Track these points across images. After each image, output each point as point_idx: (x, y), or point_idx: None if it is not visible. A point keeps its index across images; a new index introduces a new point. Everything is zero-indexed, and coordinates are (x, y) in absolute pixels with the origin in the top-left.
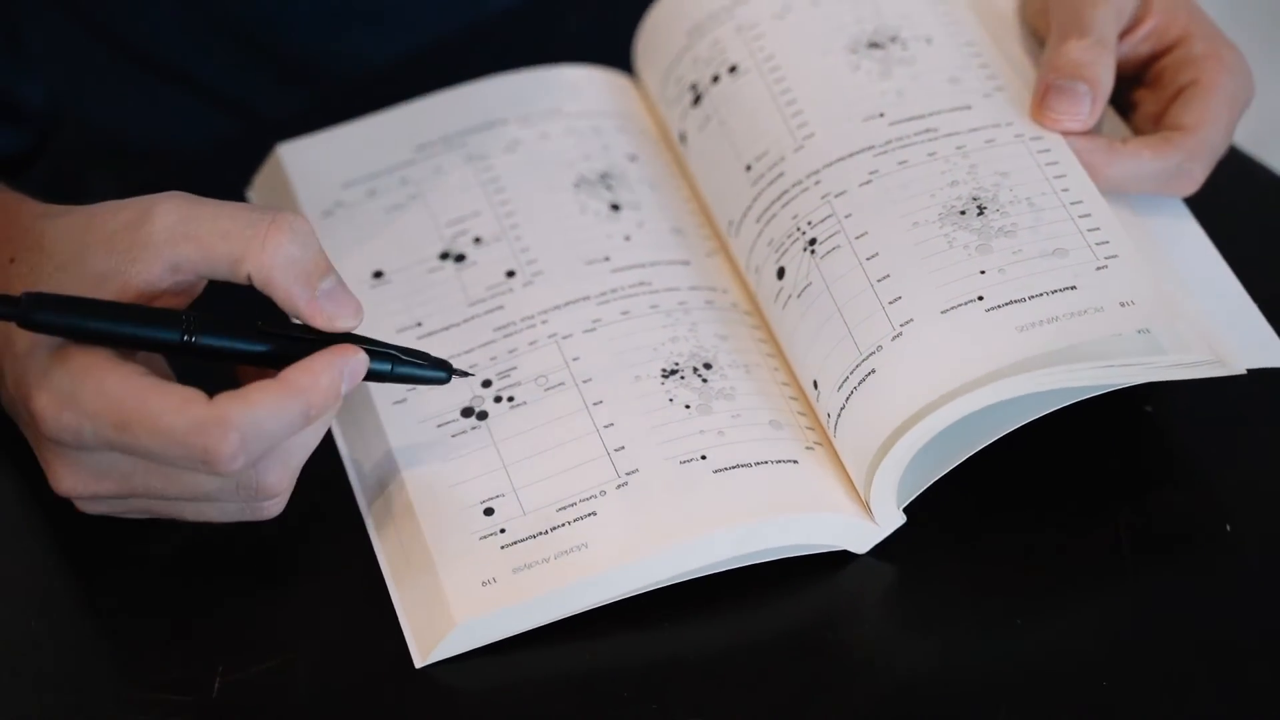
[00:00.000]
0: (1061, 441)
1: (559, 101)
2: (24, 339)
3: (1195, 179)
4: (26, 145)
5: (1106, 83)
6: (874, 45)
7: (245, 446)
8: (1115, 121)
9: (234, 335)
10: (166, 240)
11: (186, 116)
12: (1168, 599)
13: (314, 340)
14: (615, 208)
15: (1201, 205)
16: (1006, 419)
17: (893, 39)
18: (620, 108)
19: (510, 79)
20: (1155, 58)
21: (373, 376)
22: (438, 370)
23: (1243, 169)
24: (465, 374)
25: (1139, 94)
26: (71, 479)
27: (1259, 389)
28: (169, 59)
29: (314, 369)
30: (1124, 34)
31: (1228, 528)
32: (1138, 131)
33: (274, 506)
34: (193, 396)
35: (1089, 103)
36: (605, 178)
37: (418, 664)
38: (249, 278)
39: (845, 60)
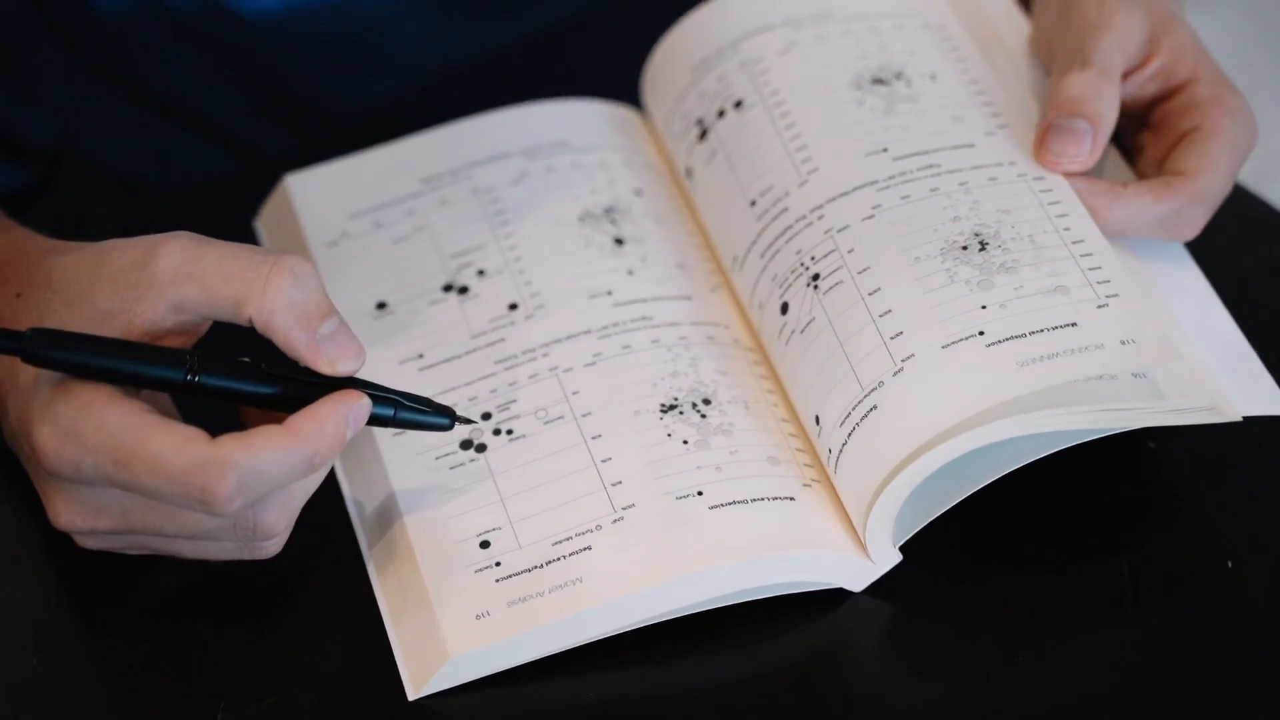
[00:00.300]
0: (1063, 476)
1: (566, 135)
2: (28, 374)
3: (1196, 225)
4: (32, 181)
5: (1109, 116)
6: (878, 81)
7: (243, 489)
8: (1120, 164)
9: (238, 376)
10: (170, 280)
11: (189, 153)
12: (1169, 636)
13: (318, 384)
14: (619, 242)
15: (1201, 239)
16: (1005, 460)
17: (898, 75)
18: (626, 142)
19: (517, 112)
20: (1160, 99)
21: (375, 421)
22: (440, 417)
23: (1242, 203)
24: (469, 421)
25: (1144, 137)
26: (70, 513)
27: (1261, 427)
28: (171, 97)
29: (319, 416)
30: (1130, 73)
31: (1230, 565)
32: (1142, 175)
33: (272, 546)
34: (194, 436)
35: (1089, 141)
36: (610, 212)
37: (411, 696)
38: (250, 321)
39: (850, 96)
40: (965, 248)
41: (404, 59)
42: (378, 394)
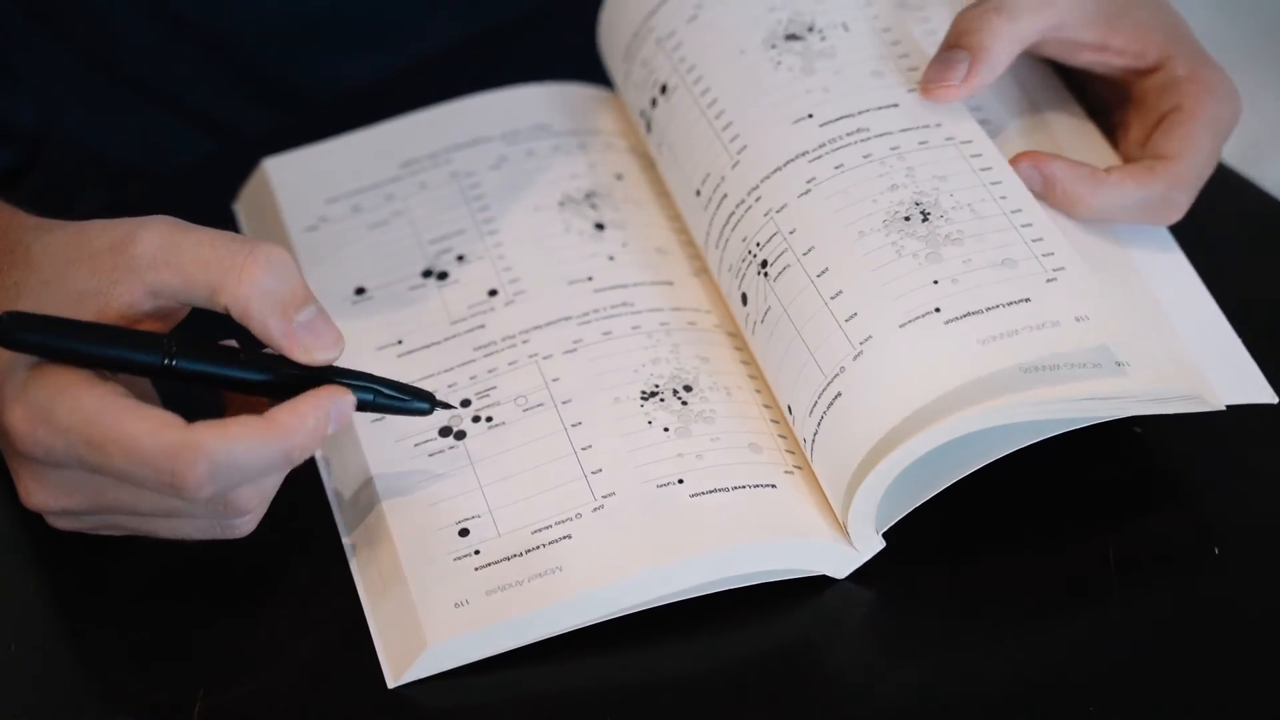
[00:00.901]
0: (1048, 462)
1: (546, 119)
2: (2, 356)
3: (1179, 208)
4: (17, 163)
5: (993, 50)
6: (792, 37)
7: (215, 476)
8: (1102, 144)
9: (216, 361)
10: (148, 265)
11: (170, 135)
12: (1154, 621)
13: (297, 372)
14: (599, 227)
15: (1187, 223)
16: (989, 447)
17: (809, 28)
18: (607, 126)
19: (497, 96)
20: (1136, 76)
21: (356, 407)
22: (420, 401)
23: (1229, 185)
24: (448, 406)
25: (1128, 115)
26: (41, 494)
27: (1248, 411)
28: (151, 79)
29: (300, 410)
30: (1089, 49)
31: (1216, 550)
32: (1126, 156)
33: (245, 525)
34: (169, 421)
35: (963, 69)
36: (590, 196)
37: (390, 684)
38: (226, 308)
39: (765, 57)
40: (908, 218)
41: (383, 40)
42: (357, 382)
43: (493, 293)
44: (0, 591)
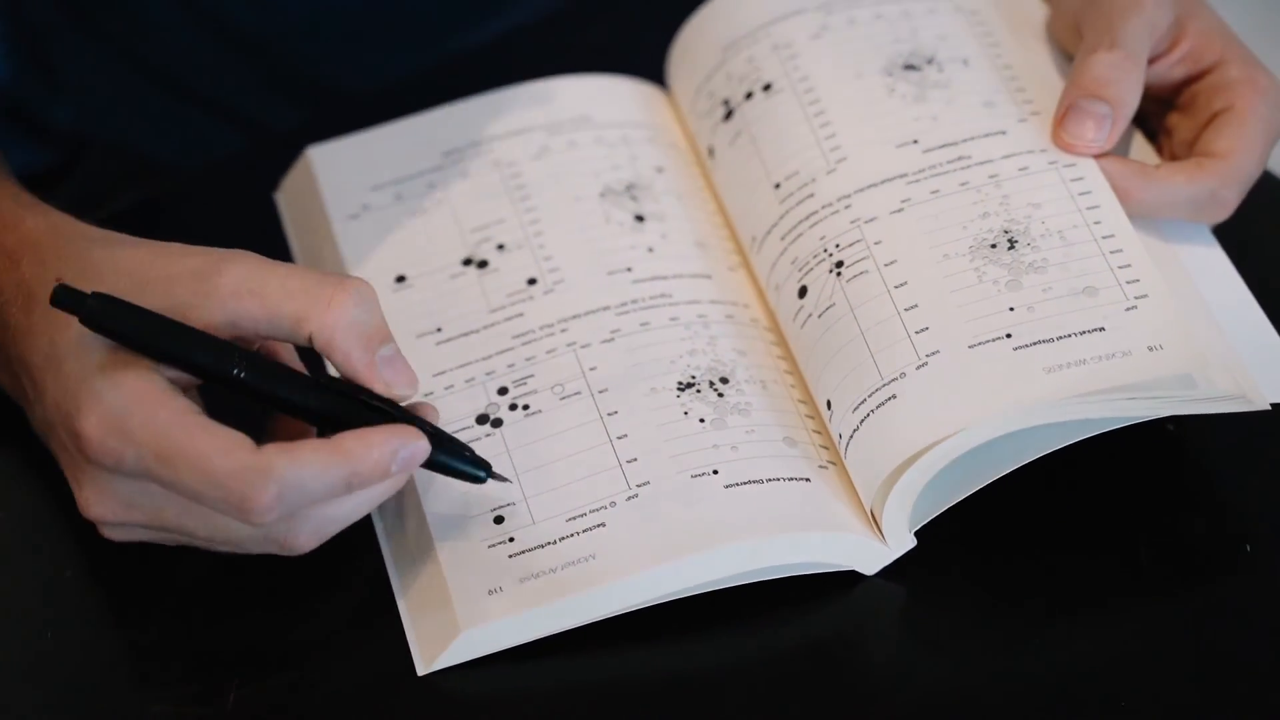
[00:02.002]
0: (1080, 460)
1: (588, 110)
2: (72, 359)
3: (1228, 206)
4: (53, 163)
5: (1130, 101)
6: (910, 67)
7: (282, 499)
8: (1145, 148)
9: (285, 382)
10: (231, 294)
11: (205, 132)
12: (1186, 619)
13: (364, 406)
14: (640, 219)
15: (1226, 226)
16: (1028, 447)
17: (929, 61)
18: (649, 119)
19: (540, 86)
20: (1189, 82)
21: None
22: (477, 469)
23: (1269, 190)
24: (503, 479)
25: (1172, 119)
26: (101, 505)
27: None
28: (188, 78)
29: (369, 439)
30: (1158, 58)
31: (1248, 548)
32: (1171, 158)
33: (304, 545)
34: (241, 442)
35: (1108, 125)
36: (631, 188)
37: (420, 671)
38: (310, 338)
39: (880, 83)
40: (994, 246)
41: (423, 38)
42: (421, 427)
43: (532, 281)
44: (39, 581)
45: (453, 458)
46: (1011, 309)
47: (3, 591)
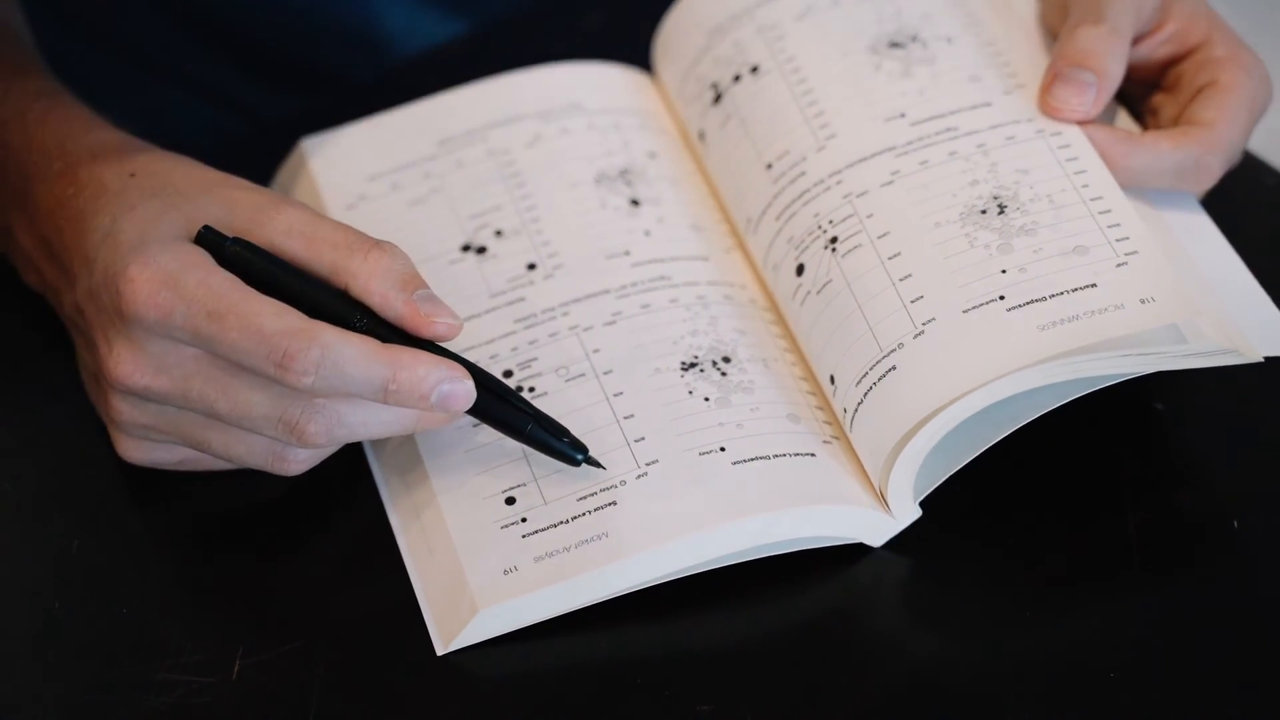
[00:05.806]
0: (1073, 438)
1: (580, 98)
2: (134, 231)
3: (1213, 173)
4: None
5: (1114, 74)
6: (895, 45)
7: (321, 367)
8: (1131, 126)
9: (401, 336)
10: (284, 231)
11: (199, 125)
12: (1175, 594)
13: (475, 366)
14: (635, 203)
15: (1211, 208)
16: (1024, 410)
17: (913, 38)
18: (640, 105)
19: (532, 74)
20: (1174, 62)
21: (506, 430)
22: (574, 451)
23: (1253, 172)
24: (598, 465)
25: (1157, 99)
26: (132, 363)
27: (1268, 386)
28: (182, 70)
29: (420, 357)
30: (1143, 38)
31: (1235, 525)
32: None
33: (298, 464)
34: (290, 309)
35: (1093, 93)
36: (625, 174)
37: (439, 651)
38: (347, 287)
39: (866, 60)
40: (984, 211)
41: (404, 39)
42: (520, 405)
43: (531, 267)
44: (43, 551)
45: (553, 437)
46: (1004, 271)
47: (11, 562)
